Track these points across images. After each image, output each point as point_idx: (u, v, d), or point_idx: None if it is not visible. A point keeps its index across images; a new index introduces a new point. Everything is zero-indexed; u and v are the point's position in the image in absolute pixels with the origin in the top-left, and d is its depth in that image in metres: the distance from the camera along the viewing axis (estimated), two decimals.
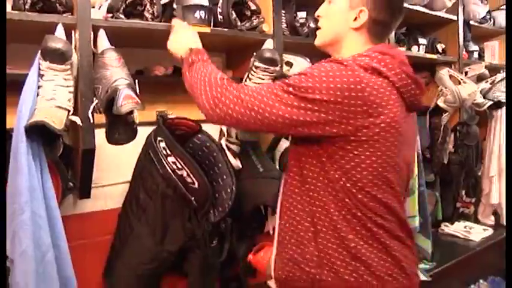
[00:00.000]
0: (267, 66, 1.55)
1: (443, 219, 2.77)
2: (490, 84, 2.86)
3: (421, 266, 2.23)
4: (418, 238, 2.17)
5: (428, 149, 2.55)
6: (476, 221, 2.96)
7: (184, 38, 1.34)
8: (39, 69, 1.24)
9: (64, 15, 1.33)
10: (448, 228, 2.76)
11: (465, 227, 2.76)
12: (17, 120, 1.20)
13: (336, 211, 1.07)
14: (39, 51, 1.23)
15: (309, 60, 1.72)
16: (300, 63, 1.71)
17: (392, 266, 1.08)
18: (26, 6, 1.31)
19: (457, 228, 2.75)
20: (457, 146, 2.66)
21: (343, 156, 1.04)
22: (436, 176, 2.59)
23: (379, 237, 1.07)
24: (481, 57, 3.03)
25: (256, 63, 1.56)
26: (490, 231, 2.75)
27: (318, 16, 1.23)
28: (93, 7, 1.38)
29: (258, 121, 1.05)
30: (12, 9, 1.29)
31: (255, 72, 1.58)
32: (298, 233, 1.14)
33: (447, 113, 2.50)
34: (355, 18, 1.12)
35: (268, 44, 1.66)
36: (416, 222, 2.09)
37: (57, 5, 1.35)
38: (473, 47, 2.87)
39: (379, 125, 1.01)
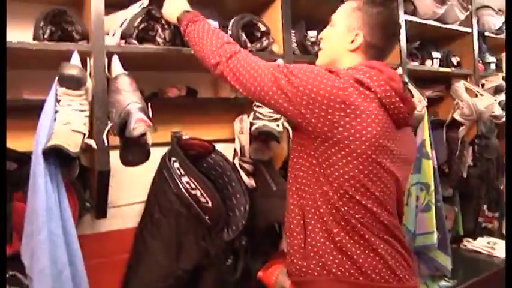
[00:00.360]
0: None
1: (465, 235, 2.70)
2: None
3: (442, 283, 2.19)
4: (437, 255, 2.13)
5: (446, 163, 2.51)
6: (501, 236, 2.88)
7: (175, 3, 1.41)
8: (56, 94, 1.30)
9: (80, 42, 1.40)
10: (470, 244, 2.69)
11: (489, 243, 2.68)
12: (35, 143, 1.26)
13: (323, 204, 1.11)
14: (56, 78, 1.29)
15: None
16: None
17: (380, 265, 1.09)
18: (45, 36, 1.39)
19: (480, 244, 2.67)
20: (476, 160, 2.61)
21: (325, 160, 1.09)
22: (455, 190, 2.55)
23: (363, 234, 1.09)
24: (499, 68, 2.99)
25: None
26: None
27: (320, 38, 1.32)
28: (107, 34, 1.44)
29: (251, 86, 1.16)
30: (33, 39, 1.37)
31: None
32: (290, 226, 1.20)
33: (464, 127, 2.47)
34: (352, 41, 1.20)
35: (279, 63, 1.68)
36: (434, 238, 2.06)
37: (74, 33, 1.42)
38: (490, 58, 2.84)
39: (357, 128, 1.04)
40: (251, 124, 1.64)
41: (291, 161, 1.22)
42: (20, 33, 1.41)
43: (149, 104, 1.39)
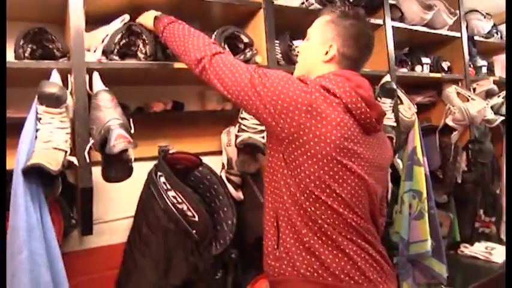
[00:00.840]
0: None
1: (462, 241, 2.67)
2: (503, 98, 2.81)
3: None
4: (432, 263, 2.11)
5: (440, 169, 2.50)
6: (499, 241, 2.85)
7: (151, 12, 1.48)
8: (37, 113, 1.30)
9: (60, 60, 1.40)
10: (467, 249, 2.66)
11: (486, 248, 2.65)
12: (16, 162, 1.25)
13: (292, 206, 1.14)
14: (36, 96, 1.29)
15: None
16: None
17: (349, 266, 1.10)
18: (26, 54, 1.40)
19: (477, 250, 2.64)
20: (470, 164, 2.60)
21: (292, 162, 1.12)
22: (449, 196, 2.53)
23: (330, 234, 1.11)
24: (491, 71, 2.99)
25: None
26: None
27: (298, 52, 1.40)
28: (89, 50, 1.44)
29: (230, 84, 1.19)
30: (15, 58, 1.37)
31: None
32: (265, 228, 1.24)
33: (457, 132, 2.46)
34: (326, 52, 1.24)
35: None
36: (428, 246, 2.03)
37: (55, 50, 1.42)
38: (481, 62, 2.84)
39: (322, 131, 1.08)
40: (236, 136, 1.63)
41: (266, 164, 1.25)
42: None
43: (131, 120, 1.38)
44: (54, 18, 1.55)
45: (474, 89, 2.65)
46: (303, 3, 1.83)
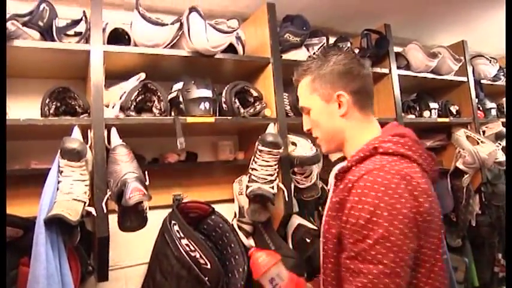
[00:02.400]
0: (270, 149, 1.65)
1: (480, 286, 2.62)
2: None
3: None
4: None
5: (453, 212, 2.49)
6: None
7: None
8: (59, 166, 1.39)
9: (81, 116, 1.51)
10: None
11: None
12: (39, 212, 1.33)
13: None
14: (59, 151, 1.38)
15: (310, 141, 1.80)
16: (302, 144, 1.79)
17: None
18: (51, 111, 1.52)
19: None
20: (484, 207, 2.58)
21: None
22: (464, 240, 2.51)
23: None
24: (501, 113, 3.01)
25: (260, 147, 1.67)
26: None
27: (308, 131, 1.21)
28: (107, 106, 1.55)
29: None
30: (41, 115, 1.49)
31: (260, 155, 1.69)
32: None
33: (468, 175, 2.47)
34: (339, 106, 1.11)
35: (270, 128, 1.77)
36: None
37: (77, 107, 1.54)
38: (490, 104, 2.87)
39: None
40: (247, 187, 1.69)
41: None
42: (29, 107, 1.56)
43: (146, 172, 1.46)
44: (76, 75, 1.69)
45: (484, 132, 2.67)
46: (310, 56, 1.93)
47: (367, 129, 1.12)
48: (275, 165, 1.70)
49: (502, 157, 2.57)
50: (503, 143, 2.65)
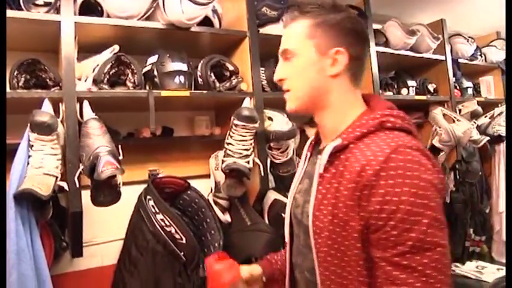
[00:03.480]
0: (245, 124, 1.64)
1: (453, 260, 2.70)
2: (489, 118, 2.87)
3: None
4: None
5: None
6: (491, 259, 2.87)
7: None
8: (29, 140, 1.36)
9: (52, 89, 1.47)
10: (459, 268, 2.67)
11: (477, 267, 2.67)
12: (8, 187, 1.31)
13: None
14: (28, 124, 1.35)
15: (286, 115, 1.80)
16: (279, 119, 1.79)
17: None
18: (20, 84, 1.47)
19: (468, 269, 2.65)
20: (458, 184, 2.64)
21: None
22: None
23: None
24: (477, 92, 3.06)
25: (236, 122, 1.66)
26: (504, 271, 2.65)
27: (280, 80, 1.02)
28: (80, 79, 1.51)
29: None
30: (9, 88, 1.44)
31: (235, 130, 1.67)
32: None
33: (443, 152, 2.51)
34: (333, 63, 0.95)
35: (246, 102, 1.76)
36: None
37: (48, 80, 1.49)
38: (467, 83, 2.91)
39: None
40: (222, 161, 1.68)
41: None
42: None
43: (120, 146, 1.44)
44: (47, 47, 1.63)
45: (460, 110, 2.71)
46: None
47: (355, 102, 0.98)
48: (251, 139, 1.69)
49: (476, 135, 2.62)
50: (478, 121, 2.71)
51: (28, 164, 1.36)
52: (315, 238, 0.92)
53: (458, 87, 2.83)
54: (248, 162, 1.65)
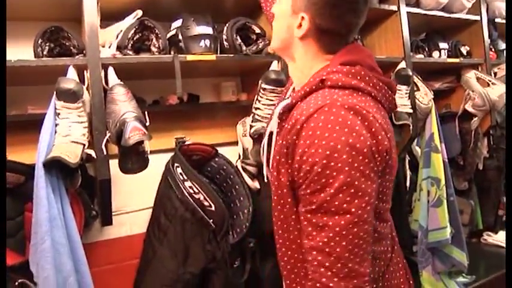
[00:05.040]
0: (273, 87, 1.59)
1: (485, 229, 2.63)
2: None
3: (459, 279, 2.13)
4: (452, 250, 2.08)
5: (461, 155, 2.46)
6: None
7: None
8: (55, 108, 1.35)
9: (77, 56, 1.44)
10: (491, 238, 2.61)
11: None
12: (37, 156, 1.30)
13: None
14: (54, 93, 1.33)
15: None
16: None
17: None
18: (44, 52, 1.45)
19: (501, 238, 2.58)
20: (492, 151, 2.54)
21: None
22: (470, 183, 2.49)
23: None
24: None
25: (263, 85, 1.61)
26: None
27: (272, 14, 1.08)
28: (104, 46, 1.48)
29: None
30: (34, 56, 1.43)
31: (263, 94, 1.63)
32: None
33: (477, 118, 2.41)
34: (299, 25, 0.96)
35: (274, 65, 1.70)
36: (447, 233, 2.01)
37: (71, 47, 1.47)
38: (503, 45, 2.76)
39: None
40: (250, 127, 1.64)
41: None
42: (20, 51, 1.48)
43: (146, 112, 1.42)
44: (70, 16, 1.59)
45: (495, 74, 2.58)
46: None
47: (318, 63, 0.98)
48: None
49: None
50: None
51: (55, 132, 1.35)
52: (271, 190, 0.99)
53: (493, 49, 2.69)
54: None
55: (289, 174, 0.89)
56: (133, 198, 1.81)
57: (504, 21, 2.74)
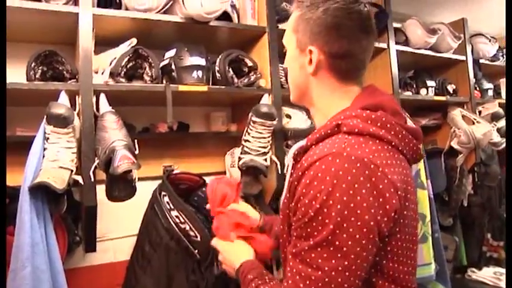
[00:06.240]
0: (263, 121, 1.61)
1: (469, 265, 2.64)
2: None
3: None
4: (436, 286, 2.08)
5: (446, 191, 2.48)
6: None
7: (230, 256, 1.18)
8: (45, 132, 1.34)
9: (69, 81, 1.45)
10: (475, 274, 2.62)
11: (495, 273, 2.60)
12: (23, 179, 1.29)
13: None
14: (44, 116, 1.33)
15: (305, 113, 1.76)
16: (297, 117, 1.75)
17: None
18: (37, 76, 1.46)
19: (485, 275, 2.60)
20: (476, 187, 2.58)
21: None
22: (455, 219, 2.51)
23: None
24: (498, 94, 2.99)
25: (254, 118, 1.63)
26: None
27: (286, 68, 1.02)
28: (97, 72, 1.49)
29: None
30: (26, 80, 1.43)
31: (253, 126, 1.65)
32: None
33: (462, 154, 2.45)
34: (310, 61, 0.91)
35: (265, 99, 1.72)
36: (432, 270, 2.01)
37: (64, 72, 1.48)
38: (487, 85, 2.85)
39: None
40: (239, 159, 1.65)
41: None
42: (12, 72, 1.46)
43: (136, 141, 1.42)
44: (65, 40, 1.62)
45: (480, 112, 2.65)
46: None
47: (338, 100, 0.92)
48: (269, 137, 1.66)
49: (496, 138, 2.56)
50: (499, 123, 2.63)
51: (43, 156, 1.34)
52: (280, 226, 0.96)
53: (478, 88, 2.77)
54: (265, 159, 1.63)
55: (289, 213, 0.88)
56: (118, 225, 1.79)
57: (488, 61, 2.84)
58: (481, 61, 2.80)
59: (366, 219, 0.75)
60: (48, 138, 1.34)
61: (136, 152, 1.39)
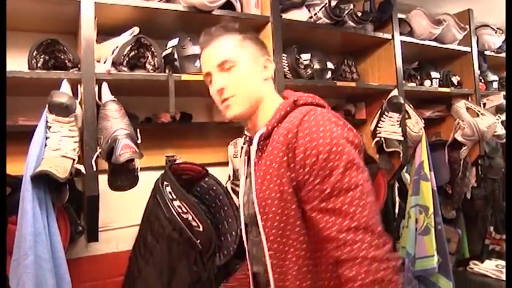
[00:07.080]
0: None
1: (471, 258, 2.63)
2: None
3: None
4: (439, 279, 2.08)
5: (449, 184, 2.47)
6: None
7: None
8: (47, 121, 1.34)
9: (71, 70, 1.44)
10: (477, 266, 2.62)
11: (497, 266, 2.60)
12: (25, 168, 1.28)
13: None
14: (46, 106, 1.32)
15: None
16: None
17: None
18: (39, 65, 1.44)
19: (487, 267, 2.59)
20: (480, 180, 2.57)
21: None
22: (458, 212, 2.50)
23: None
24: (502, 86, 2.97)
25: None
26: None
27: (219, 91, 1.09)
28: (99, 61, 1.48)
29: None
30: (28, 68, 1.42)
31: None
32: None
33: (466, 147, 2.44)
34: (265, 67, 1.11)
35: None
36: (434, 262, 2.01)
37: (66, 61, 1.47)
38: (492, 77, 2.82)
39: None
40: (242, 148, 1.64)
41: None
42: (14, 61, 1.46)
43: (138, 130, 1.41)
44: (67, 29, 1.60)
45: (484, 104, 2.63)
46: (311, 17, 1.85)
47: (278, 99, 1.11)
48: None
49: (501, 130, 2.54)
50: (503, 116, 2.62)
51: (45, 145, 1.33)
52: (262, 219, 1.00)
53: (483, 80, 2.74)
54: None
55: (292, 179, 0.95)
56: (121, 215, 1.79)
57: (494, 53, 2.81)
58: (487, 53, 2.76)
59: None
60: (50, 127, 1.33)
61: (139, 141, 1.38)
